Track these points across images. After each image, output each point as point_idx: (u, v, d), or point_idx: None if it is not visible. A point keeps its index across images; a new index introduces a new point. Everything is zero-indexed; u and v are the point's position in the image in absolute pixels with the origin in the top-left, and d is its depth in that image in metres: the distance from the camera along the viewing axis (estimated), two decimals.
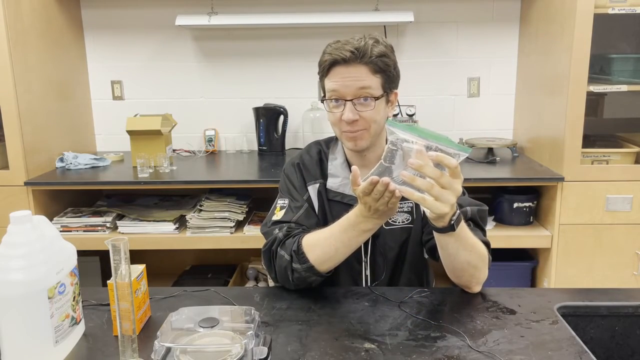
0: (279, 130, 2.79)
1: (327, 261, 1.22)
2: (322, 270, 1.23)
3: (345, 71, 1.24)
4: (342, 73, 1.25)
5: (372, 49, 1.23)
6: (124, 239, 0.92)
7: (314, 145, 1.46)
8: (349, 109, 1.25)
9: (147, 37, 2.82)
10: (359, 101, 1.25)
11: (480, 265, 1.20)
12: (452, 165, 1.01)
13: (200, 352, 0.89)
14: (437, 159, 1.00)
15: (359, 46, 1.23)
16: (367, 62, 1.24)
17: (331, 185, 1.38)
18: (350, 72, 1.24)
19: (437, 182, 1.01)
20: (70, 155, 2.52)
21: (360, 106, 1.25)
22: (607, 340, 1.19)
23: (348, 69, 1.24)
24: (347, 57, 1.23)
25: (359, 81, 1.24)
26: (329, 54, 1.25)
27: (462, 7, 2.76)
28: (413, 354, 1.00)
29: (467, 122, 2.88)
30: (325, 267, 1.23)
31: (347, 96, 1.25)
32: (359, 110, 1.25)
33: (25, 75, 2.29)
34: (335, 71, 1.25)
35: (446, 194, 1.02)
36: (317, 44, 2.99)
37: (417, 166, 1.00)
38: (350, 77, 1.24)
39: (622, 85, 2.24)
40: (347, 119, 1.25)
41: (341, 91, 1.25)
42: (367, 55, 1.23)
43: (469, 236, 1.15)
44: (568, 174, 2.24)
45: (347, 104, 1.25)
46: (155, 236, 2.35)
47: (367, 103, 1.25)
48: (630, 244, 2.29)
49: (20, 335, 0.95)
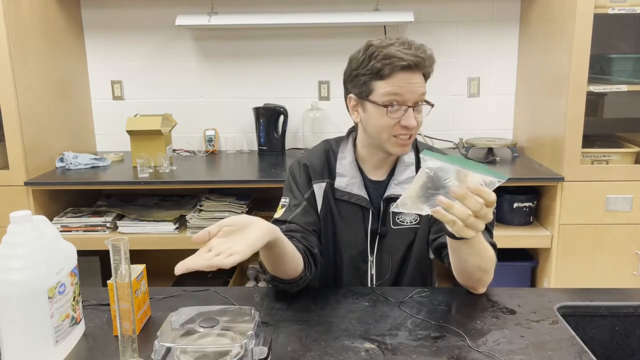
0: (279, 130, 2.79)
1: (272, 267, 1.17)
2: (281, 277, 1.19)
3: (412, 77, 1.23)
4: (409, 78, 1.23)
5: (432, 57, 1.25)
6: (124, 239, 0.92)
7: (323, 144, 1.45)
8: (412, 115, 1.24)
9: (147, 37, 2.83)
10: (417, 108, 1.25)
11: (489, 269, 1.20)
12: (491, 200, 1.00)
13: (200, 352, 0.89)
14: (477, 192, 0.99)
15: (427, 55, 1.24)
16: (427, 70, 1.25)
17: (339, 184, 1.37)
18: (415, 78, 1.24)
19: (474, 213, 1.00)
20: (70, 155, 2.52)
21: (417, 112, 1.26)
22: (607, 340, 1.19)
23: (414, 75, 1.23)
24: (419, 62, 1.22)
25: (421, 88, 1.25)
26: (398, 58, 1.21)
27: (462, 7, 2.76)
28: (413, 354, 1.00)
29: (467, 122, 2.88)
30: (277, 273, 1.18)
31: (409, 102, 1.24)
32: (416, 117, 1.25)
33: (25, 75, 2.29)
34: (401, 75, 1.22)
35: (478, 223, 1.02)
36: (317, 44, 3.02)
37: (460, 196, 0.99)
38: (415, 84, 1.23)
39: (622, 85, 2.24)
40: (411, 125, 1.24)
41: (406, 96, 1.23)
42: (431, 63, 1.25)
43: (481, 241, 1.14)
44: (568, 174, 2.24)
45: (409, 109, 1.24)
46: (155, 236, 2.35)
47: (421, 109, 1.27)
48: (630, 244, 2.29)
49: (20, 335, 0.95)
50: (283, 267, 1.16)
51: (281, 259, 1.14)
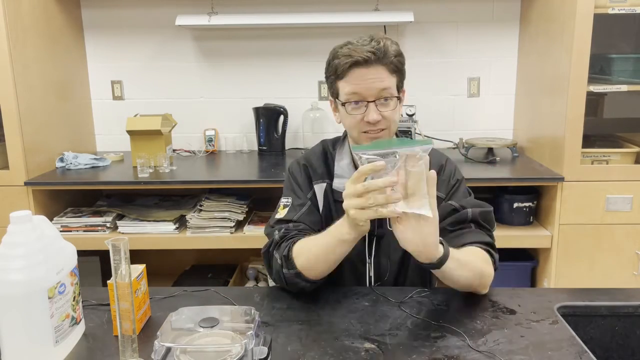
0: (279, 130, 2.79)
1: (312, 268, 1.20)
2: (309, 277, 1.21)
3: (366, 72, 1.23)
4: (363, 75, 1.23)
5: (390, 49, 1.23)
6: (124, 239, 0.92)
7: (321, 144, 1.45)
8: (373, 110, 1.24)
9: (147, 37, 2.82)
10: (380, 102, 1.25)
11: (484, 272, 1.20)
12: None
13: (200, 352, 0.89)
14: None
15: (379, 47, 1.22)
16: (386, 63, 1.23)
17: (337, 186, 1.37)
18: (371, 73, 1.23)
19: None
20: (70, 155, 2.52)
21: (382, 107, 1.25)
22: (607, 340, 1.19)
23: (369, 70, 1.23)
24: (369, 57, 1.21)
25: (380, 82, 1.23)
26: (347, 56, 1.22)
27: (462, 7, 2.76)
28: (413, 354, 1.00)
29: (467, 122, 2.87)
30: (312, 274, 1.21)
31: (369, 98, 1.24)
32: (381, 111, 1.25)
33: (25, 75, 2.29)
34: (355, 73, 1.23)
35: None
36: (317, 44, 3.02)
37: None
38: (371, 79, 1.23)
39: (622, 85, 2.24)
40: (373, 120, 1.24)
41: (363, 93, 1.24)
42: (387, 55, 1.22)
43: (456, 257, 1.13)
44: (568, 174, 2.24)
45: (370, 105, 1.24)
46: (155, 236, 2.35)
47: (388, 103, 1.25)
48: (630, 244, 2.28)
49: (20, 335, 0.95)
50: (330, 267, 1.20)
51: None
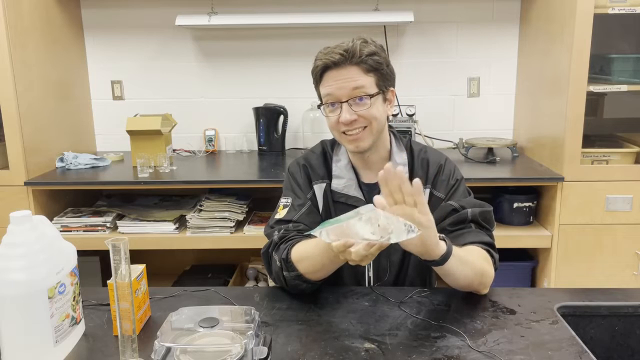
0: (279, 130, 2.79)
1: (315, 273, 1.22)
2: (312, 279, 1.23)
3: (337, 74, 1.25)
4: (335, 76, 1.25)
5: (361, 49, 1.24)
6: (124, 239, 0.92)
7: (320, 145, 1.46)
8: (345, 110, 1.25)
9: (147, 37, 2.82)
10: (354, 101, 1.25)
11: (485, 271, 1.20)
12: None
13: (200, 352, 0.89)
14: None
15: (348, 48, 1.24)
16: (357, 62, 1.24)
17: (336, 186, 1.38)
18: (342, 74, 1.25)
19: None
20: (70, 155, 2.52)
21: (357, 106, 1.26)
22: (607, 340, 1.19)
23: (340, 72, 1.25)
24: (337, 59, 1.24)
25: (352, 81, 1.24)
26: (320, 60, 1.27)
27: (462, 7, 2.76)
28: (413, 354, 1.00)
29: (467, 122, 2.87)
30: (315, 277, 1.23)
31: (342, 98, 1.26)
32: (355, 110, 1.25)
33: (25, 75, 2.29)
34: (328, 76, 1.26)
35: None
36: (317, 44, 2.98)
37: None
38: (342, 79, 1.25)
39: (622, 85, 2.24)
40: (344, 120, 1.25)
41: (336, 94, 1.26)
42: (356, 55, 1.24)
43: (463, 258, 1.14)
44: (568, 174, 2.24)
45: (343, 105, 1.26)
46: (155, 236, 2.35)
47: (363, 102, 1.26)
48: (630, 244, 2.28)
49: (20, 335, 0.95)
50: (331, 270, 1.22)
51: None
